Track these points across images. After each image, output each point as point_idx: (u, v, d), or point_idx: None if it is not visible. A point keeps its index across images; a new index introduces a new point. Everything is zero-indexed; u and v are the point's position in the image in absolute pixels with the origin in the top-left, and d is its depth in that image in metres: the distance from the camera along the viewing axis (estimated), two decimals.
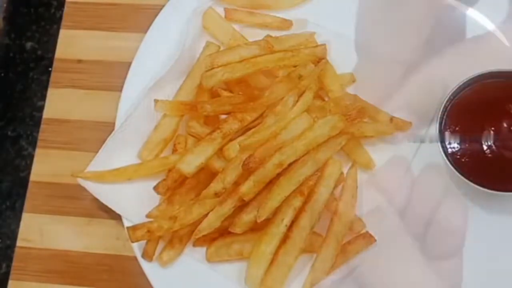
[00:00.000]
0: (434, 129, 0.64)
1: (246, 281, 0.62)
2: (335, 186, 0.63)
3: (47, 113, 0.76)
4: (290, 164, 0.61)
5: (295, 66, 0.66)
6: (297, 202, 0.61)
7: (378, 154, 0.66)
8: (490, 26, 0.69)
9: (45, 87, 0.78)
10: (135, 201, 0.66)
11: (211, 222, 0.61)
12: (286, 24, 0.71)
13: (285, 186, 0.60)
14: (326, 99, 0.67)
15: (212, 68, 0.65)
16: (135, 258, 0.65)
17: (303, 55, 0.66)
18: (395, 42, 0.69)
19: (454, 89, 0.64)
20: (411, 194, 0.63)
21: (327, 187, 0.61)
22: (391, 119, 0.66)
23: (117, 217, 0.67)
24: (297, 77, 0.65)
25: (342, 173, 0.64)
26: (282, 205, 0.61)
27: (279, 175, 0.61)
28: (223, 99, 0.65)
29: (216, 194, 0.62)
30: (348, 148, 0.65)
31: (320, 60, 0.66)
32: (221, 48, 0.70)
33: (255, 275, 0.61)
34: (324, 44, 0.67)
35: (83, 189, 0.67)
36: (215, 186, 0.62)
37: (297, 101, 0.64)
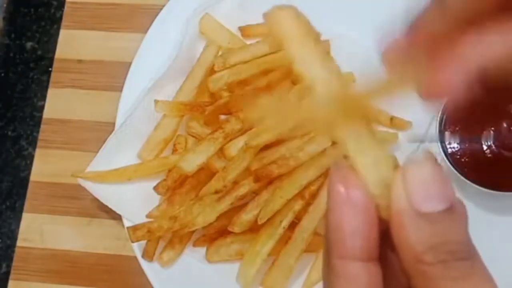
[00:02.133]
0: (434, 129, 0.64)
1: (238, 279, 0.62)
2: None
3: (47, 113, 0.76)
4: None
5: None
6: (297, 205, 0.61)
7: None
8: None
9: (45, 87, 0.78)
10: (135, 201, 0.66)
11: (206, 217, 0.61)
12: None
13: (288, 189, 0.60)
14: None
15: (224, 69, 0.66)
16: (135, 258, 0.65)
17: None
18: None
19: None
20: None
21: None
22: (391, 119, 0.66)
23: (117, 217, 0.67)
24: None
25: None
26: (282, 208, 0.61)
27: (281, 178, 0.61)
28: (224, 100, 0.65)
29: (216, 192, 0.62)
30: None
31: None
32: (220, 52, 0.70)
33: (247, 273, 0.61)
34: (327, 39, 0.67)
35: (83, 189, 0.67)
36: (216, 184, 0.62)
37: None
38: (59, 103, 0.77)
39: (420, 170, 0.25)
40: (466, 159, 0.62)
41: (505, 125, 0.62)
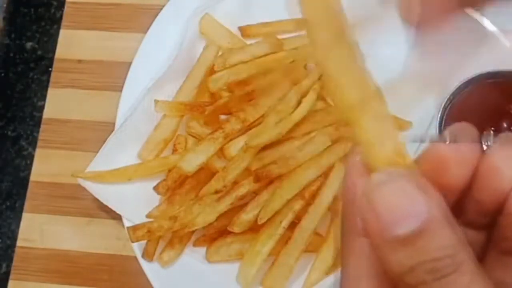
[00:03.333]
0: (434, 129, 0.64)
1: (238, 278, 0.62)
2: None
3: (47, 113, 0.76)
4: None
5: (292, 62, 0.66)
6: (297, 205, 0.61)
7: None
8: (490, 26, 0.69)
9: (45, 87, 0.78)
10: (135, 201, 0.66)
11: (206, 217, 0.61)
12: (301, 25, 0.70)
13: (288, 189, 0.60)
14: (328, 99, 0.67)
15: (224, 69, 0.66)
16: (135, 258, 0.65)
17: (305, 52, 0.66)
18: (395, 42, 0.69)
19: (454, 89, 0.64)
20: None
21: (331, 190, 0.61)
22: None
23: (117, 217, 0.67)
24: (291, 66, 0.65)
25: None
26: (282, 208, 0.61)
27: (281, 177, 0.61)
28: (224, 100, 0.65)
29: (216, 192, 0.62)
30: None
31: None
32: (220, 52, 0.70)
33: (247, 273, 0.61)
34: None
35: (83, 189, 0.67)
36: (216, 184, 0.62)
37: (299, 101, 0.64)
38: (59, 103, 0.77)
39: (385, 191, 0.24)
40: None
41: (505, 125, 0.62)
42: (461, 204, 0.27)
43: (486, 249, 0.28)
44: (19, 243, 0.72)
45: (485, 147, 0.62)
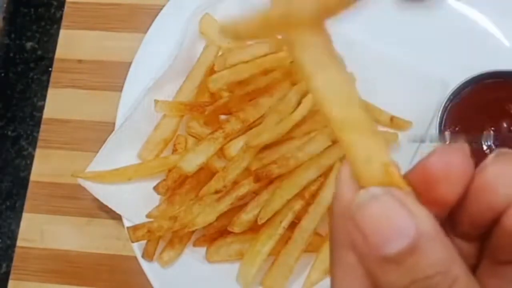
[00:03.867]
0: (434, 129, 0.64)
1: (238, 278, 0.62)
2: None
3: (47, 113, 0.77)
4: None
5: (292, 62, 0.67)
6: (297, 205, 0.61)
7: None
8: (490, 26, 0.69)
9: (45, 87, 0.78)
10: (135, 201, 0.66)
11: (206, 217, 0.61)
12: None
13: (288, 189, 0.60)
14: None
15: (224, 69, 0.66)
16: (135, 258, 0.65)
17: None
18: (395, 41, 0.69)
19: (454, 89, 0.64)
20: None
21: (331, 190, 0.62)
22: (391, 118, 0.66)
23: (117, 217, 0.67)
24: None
25: None
26: (282, 208, 0.61)
27: (281, 178, 0.61)
28: (224, 100, 0.65)
29: (216, 192, 0.62)
30: None
31: None
32: (220, 52, 0.70)
33: (247, 273, 0.61)
34: None
35: (83, 189, 0.67)
36: (216, 184, 0.62)
37: (299, 101, 0.64)
38: (59, 103, 0.77)
39: (370, 211, 0.23)
40: None
41: (505, 125, 0.62)
42: (454, 217, 0.27)
43: (479, 260, 0.28)
44: (19, 243, 0.72)
45: (485, 147, 0.62)
